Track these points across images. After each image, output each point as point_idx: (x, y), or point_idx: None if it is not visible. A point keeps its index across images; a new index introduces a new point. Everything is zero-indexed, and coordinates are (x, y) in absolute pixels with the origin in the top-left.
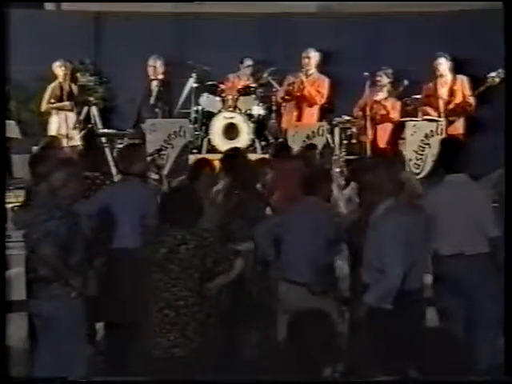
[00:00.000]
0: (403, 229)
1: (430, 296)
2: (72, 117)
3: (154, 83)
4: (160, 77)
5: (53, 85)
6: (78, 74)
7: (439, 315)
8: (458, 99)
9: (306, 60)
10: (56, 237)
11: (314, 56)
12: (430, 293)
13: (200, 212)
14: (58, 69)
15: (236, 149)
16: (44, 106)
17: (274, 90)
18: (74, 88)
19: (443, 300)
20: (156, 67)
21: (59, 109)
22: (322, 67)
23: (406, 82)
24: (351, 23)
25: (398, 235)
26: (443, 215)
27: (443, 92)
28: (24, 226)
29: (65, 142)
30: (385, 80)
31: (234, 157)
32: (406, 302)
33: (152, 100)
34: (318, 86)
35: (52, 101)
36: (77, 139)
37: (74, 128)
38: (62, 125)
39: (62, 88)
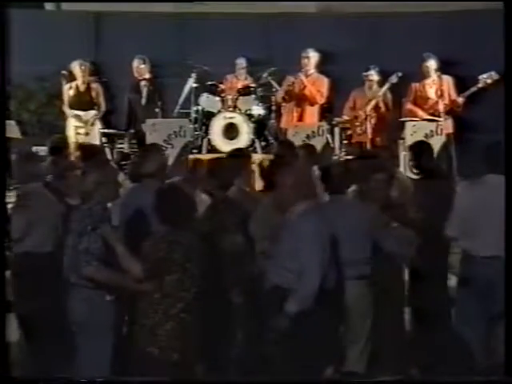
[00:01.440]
0: (321, 230)
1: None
2: (91, 115)
3: (143, 83)
4: (146, 76)
5: (70, 85)
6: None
7: (461, 316)
8: (446, 99)
9: (306, 60)
10: (92, 253)
11: (313, 56)
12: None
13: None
14: (77, 68)
15: (239, 149)
16: (65, 107)
17: (273, 90)
18: (94, 87)
19: (470, 301)
20: (141, 68)
21: (79, 108)
22: (321, 67)
23: (399, 74)
24: (351, 23)
25: (316, 237)
26: (480, 215)
27: (431, 92)
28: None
29: (82, 140)
30: (374, 78)
31: (237, 157)
32: (325, 302)
33: (143, 101)
34: (318, 86)
35: (72, 101)
36: (96, 138)
37: (92, 124)
38: (80, 123)
39: (78, 87)
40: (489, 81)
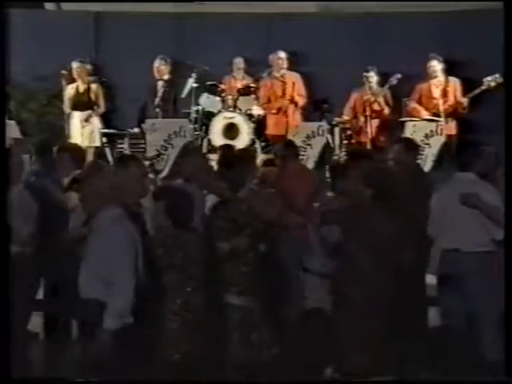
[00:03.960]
0: (133, 236)
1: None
2: (93, 118)
3: (160, 83)
4: (165, 77)
5: (70, 87)
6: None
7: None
8: (451, 100)
9: (280, 61)
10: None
11: (284, 57)
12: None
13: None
14: (77, 70)
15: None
16: (66, 108)
17: None
18: (93, 87)
19: (445, 295)
20: (161, 68)
21: (78, 109)
22: (292, 66)
23: (399, 76)
24: (351, 23)
25: (129, 244)
26: (448, 210)
27: (436, 93)
28: None
29: (86, 143)
30: (374, 78)
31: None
32: (146, 312)
33: (157, 100)
34: (297, 89)
35: (72, 101)
36: (97, 140)
37: (87, 121)
38: (83, 125)
39: (77, 88)
40: (493, 83)
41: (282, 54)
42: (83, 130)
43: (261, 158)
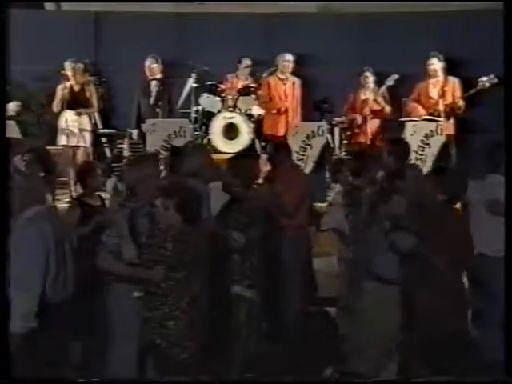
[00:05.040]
0: (45, 237)
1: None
2: (83, 117)
3: (153, 83)
4: (158, 76)
5: (62, 86)
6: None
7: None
8: (448, 100)
9: (287, 64)
10: (108, 247)
11: (292, 60)
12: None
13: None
14: (69, 69)
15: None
16: (56, 108)
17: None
18: (87, 87)
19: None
20: (153, 67)
21: (72, 108)
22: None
23: (396, 77)
24: (351, 23)
25: (38, 244)
26: (477, 214)
27: (434, 92)
28: None
29: (75, 143)
30: (373, 78)
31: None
32: (54, 315)
33: (152, 100)
34: (297, 95)
35: (63, 102)
36: (87, 141)
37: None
38: (72, 124)
39: (72, 89)
40: (487, 84)
41: (290, 57)
42: (75, 130)
43: (263, 157)
